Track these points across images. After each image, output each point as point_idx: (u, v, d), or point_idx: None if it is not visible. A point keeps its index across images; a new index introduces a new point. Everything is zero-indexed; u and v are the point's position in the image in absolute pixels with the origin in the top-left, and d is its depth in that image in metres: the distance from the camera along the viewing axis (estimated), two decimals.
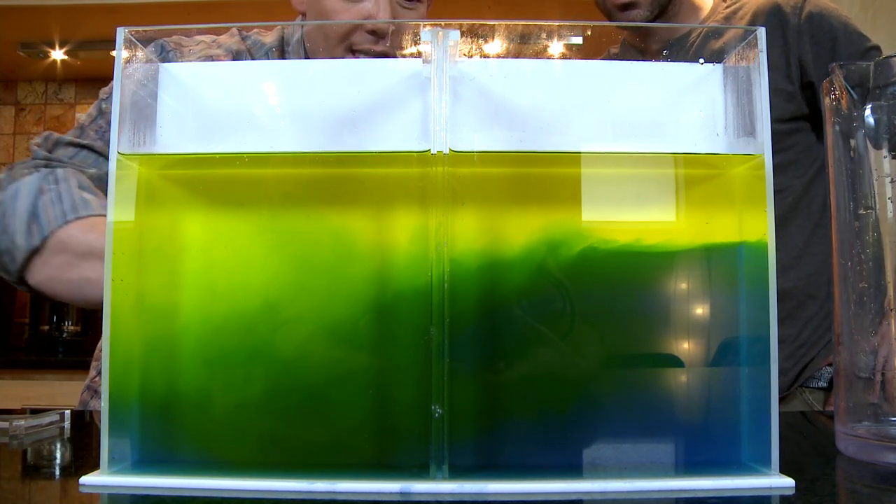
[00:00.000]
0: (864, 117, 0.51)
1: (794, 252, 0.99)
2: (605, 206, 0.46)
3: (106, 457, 0.42)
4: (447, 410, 0.42)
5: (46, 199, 0.72)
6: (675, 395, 0.45)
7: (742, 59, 0.46)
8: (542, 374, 0.44)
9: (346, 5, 0.84)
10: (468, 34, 0.45)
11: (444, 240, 0.43)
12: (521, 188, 0.46)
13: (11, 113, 2.70)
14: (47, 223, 0.72)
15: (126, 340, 0.44)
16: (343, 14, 0.84)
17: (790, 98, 0.97)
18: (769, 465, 0.42)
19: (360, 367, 0.44)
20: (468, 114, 0.45)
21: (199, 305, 0.45)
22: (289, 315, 0.45)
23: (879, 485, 0.43)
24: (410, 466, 0.42)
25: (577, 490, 0.41)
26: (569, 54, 0.50)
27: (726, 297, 0.45)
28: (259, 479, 0.41)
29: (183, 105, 0.47)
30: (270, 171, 0.46)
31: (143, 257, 0.45)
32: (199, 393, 0.45)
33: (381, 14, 0.82)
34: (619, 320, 0.45)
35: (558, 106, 0.47)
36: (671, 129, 0.47)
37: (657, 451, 0.44)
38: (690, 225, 0.46)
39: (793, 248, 0.98)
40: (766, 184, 0.44)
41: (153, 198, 0.46)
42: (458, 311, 0.43)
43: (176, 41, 0.87)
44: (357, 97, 0.46)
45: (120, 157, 0.44)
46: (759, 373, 0.43)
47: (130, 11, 2.13)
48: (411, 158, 0.45)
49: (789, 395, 0.99)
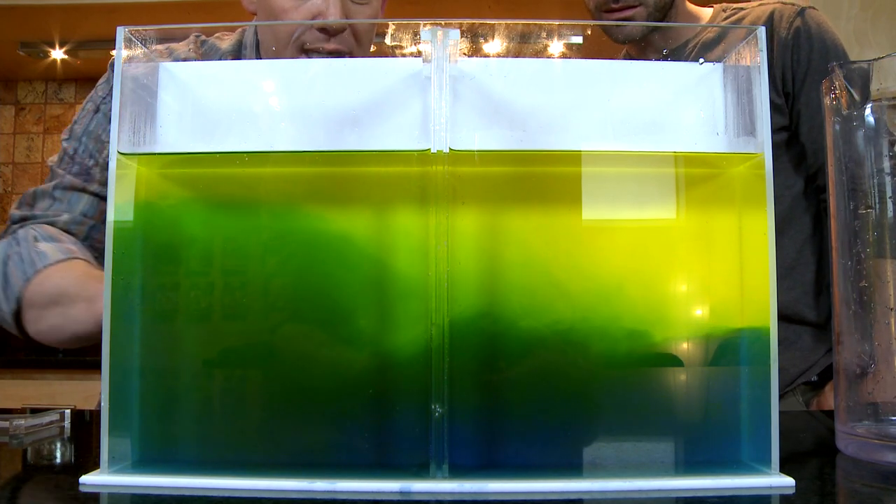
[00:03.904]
0: (864, 117, 0.51)
1: (788, 262, 0.99)
2: (605, 204, 0.46)
3: (106, 456, 0.42)
4: (447, 410, 0.42)
5: (11, 264, 0.78)
6: (675, 394, 0.45)
7: (742, 58, 0.46)
8: (542, 374, 0.44)
9: (295, 3, 0.82)
10: (468, 34, 0.45)
11: (443, 239, 0.43)
12: (522, 187, 0.46)
13: (11, 113, 2.70)
14: (15, 286, 0.77)
15: (126, 340, 0.44)
16: (292, 12, 0.82)
17: (777, 109, 0.99)
18: (769, 465, 0.42)
19: (360, 367, 0.44)
20: (468, 113, 0.45)
21: (198, 305, 0.45)
22: (289, 315, 0.45)
23: (879, 484, 0.43)
24: (410, 466, 0.42)
25: (577, 489, 0.41)
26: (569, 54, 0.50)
27: (726, 297, 0.45)
28: (259, 479, 0.41)
29: (183, 104, 0.47)
30: (270, 170, 0.46)
31: (143, 257, 0.45)
32: (199, 392, 0.45)
33: (332, 10, 0.80)
34: (619, 320, 0.45)
35: (558, 105, 0.47)
36: (671, 128, 0.47)
37: (657, 450, 0.44)
38: (690, 223, 0.46)
39: (786, 257, 0.99)
40: (766, 183, 0.44)
41: (153, 197, 0.46)
42: (457, 309, 0.43)
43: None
44: (357, 96, 0.46)
45: (120, 156, 0.44)
46: (759, 372, 0.43)
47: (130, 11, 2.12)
48: (411, 157, 0.45)
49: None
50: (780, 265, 0.99)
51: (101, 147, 0.86)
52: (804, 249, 1.00)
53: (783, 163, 1.01)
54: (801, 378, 0.98)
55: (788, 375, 0.98)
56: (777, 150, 0.99)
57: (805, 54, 0.98)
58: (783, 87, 0.99)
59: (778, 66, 0.99)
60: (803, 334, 0.99)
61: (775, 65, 0.99)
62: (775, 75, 0.99)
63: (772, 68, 0.99)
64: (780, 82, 0.99)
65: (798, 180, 1.01)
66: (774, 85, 0.99)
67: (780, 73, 0.99)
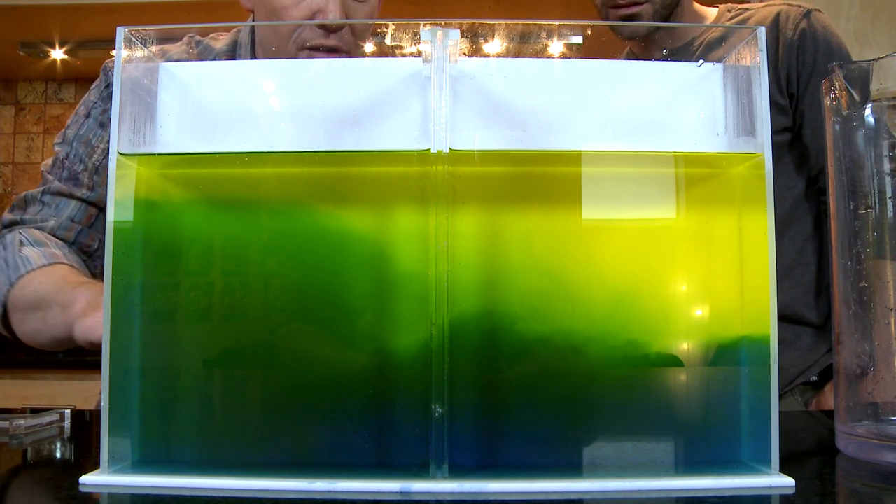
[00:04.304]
0: (864, 117, 0.51)
1: (787, 262, 0.99)
2: (605, 204, 0.46)
3: (106, 456, 0.42)
4: (447, 410, 0.42)
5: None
6: (674, 394, 0.45)
7: (742, 58, 0.46)
8: (542, 374, 0.44)
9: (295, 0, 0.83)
10: (468, 34, 0.45)
11: (443, 239, 0.43)
12: (521, 187, 0.46)
13: (11, 112, 2.70)
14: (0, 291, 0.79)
15: (126, 340, 0.44)
16: (292, 9, 0.83)
17: (781, 110, 0.99)
18: (769, 465, 0.42)
19: (360, 367, 0.44)
20: (468, 113, 0.45)
21: (198, 306, 0.45)
22: (289, 315, 0.45)
23: (879, 484, 0.43)
24: (410, 466, 0.42)
25: (577, 490, 0.41)
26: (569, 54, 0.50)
27: (726, 297, 0.45)
28: (259, 479, 0.41)
29: (183, 104, 0.47)
30: (270, 170, 0.46)
31: (142, 257, 0.45)
32: (199, 392, 0.45)
33: (331, 8, 0.81)
34: (619, 320, 0.45)
35: (558, 105, 0.47)
36: (671, 128, 0.47)
37: (657, 450, 0.44)
38: (690, 223, 0.46)
39: (785, 258, 0.99)
40: (766, 183, 0.44)
41: (153, 197, 0.46)
42: (457, 309, 0.43)
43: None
44: (357, 96, 0.46)
45: (120, 156, 0.44)
46: (759, 372, 0.43)
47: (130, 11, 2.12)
48: (411, 157, 0.45)
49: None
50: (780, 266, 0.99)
51: (90, 151, 0.87)
52: (804, 250, 1.00)
53: (785, 164, 1.00)
54: (800, 378, 0.98)
55: (787, 376, 0.98)
56: (779, 151, 0.99)
57: (810, 56, 0.97)
58: (787, 88, 0.99)
59: (783, 67, 0.98)
60: (802, 335, 0.99)
61: (780, 66, 0.98)
62: (780, 76, 0.99)
63: (776, 69, 0.98)
64: (784, 83, 0.99)
65: (799, 181, 1.01)
66: (779, 86, 0.99)
67: (784, 75, 0.99)
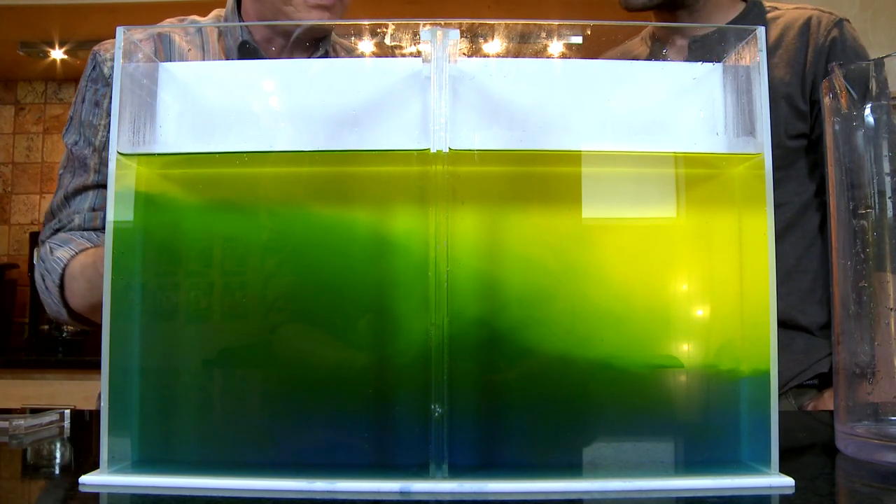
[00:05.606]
0: (864, 117, 0.51)
1: (787, 267, 0.99)
2: (604, 204, 0.46)
3: (106, 456, 0.42)
4: (447, 410, 0.42)
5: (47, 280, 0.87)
6: (674, 394, 0.45)
7: (742, 58, 0.46)
8: (541, 374, 0.44)
9: None
10: (468, 34, 0.45)
11: (443, 239, 0.43)
12: (521, 187, 0.46)
13: (11, 112, 2.70)
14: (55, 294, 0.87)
15: (126, 340, 0.44)
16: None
17: (801, 116, 0.98)
18: (769, 465, 0.42)
19: (360, 367, 0.44)
20: (468, 113, 0.45)
21: (198, 305, 0.45)
22: (288, 314, 0.45)
23: (879, 484, 0.43)
24: (410, 466, 0.42)
25: (577, 489, 0.41)
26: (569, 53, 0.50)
27: (726, 297, 0.45)
28: (259, 479, 0.41)
29: (182, 104, 0.47)
30: (270, 170, 0.46)
31: (142, 257, 0.45)
32: (199, 392, 0.45)
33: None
34: (619, 319, 0.45)
35: (558, 105, 0.47)
36: (671, 128, 0.47)
37: (657, 450, 0.44)
38: (690, 223, 0.46)
39: (785, 263, 0.99)
40: (765, 183, 0.44)
41: (153, 197, 0.46)
42: (457, 309, 0.43)
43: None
44: (357, 96, 0.46)
45: (120, 157, 0.44)
46: (759, 372, 0.43)
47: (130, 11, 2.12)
48: (411, 157, 0.45)
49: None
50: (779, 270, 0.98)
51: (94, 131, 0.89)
52: (804, 257, 1.00)
53: (798, 169, 0.99)
54: (793, 382, 0.98)
55: (781, 379, 0.98)
56: (793, 157, 0.99)
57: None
58: (812, 95, 0.98)
59: (810, 72, 0.97)
60: (796, 338, 0.99)
61: (808, 70, 0.97)
62: (806, 81, 0.97)
63: (804, 74, 0.97)
64: (809, 89, 0.97)
65: (809, 188, 1.00)
66: (803, 91, 0.97)
67: (811, 80, 0.97)
